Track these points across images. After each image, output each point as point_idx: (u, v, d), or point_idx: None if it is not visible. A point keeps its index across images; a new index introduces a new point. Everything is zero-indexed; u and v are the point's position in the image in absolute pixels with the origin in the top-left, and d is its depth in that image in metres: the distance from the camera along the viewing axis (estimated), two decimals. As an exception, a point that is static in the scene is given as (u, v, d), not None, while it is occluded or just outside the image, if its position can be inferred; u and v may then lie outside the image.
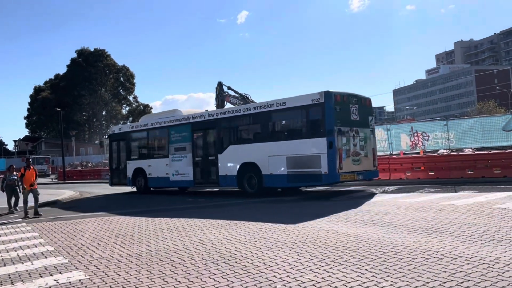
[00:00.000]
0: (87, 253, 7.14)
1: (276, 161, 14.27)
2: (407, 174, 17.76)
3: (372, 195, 13.67)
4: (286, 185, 14.56)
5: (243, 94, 33.30)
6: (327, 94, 13.22)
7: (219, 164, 16.19)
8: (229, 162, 15.85)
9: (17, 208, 14.71)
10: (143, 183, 19.59)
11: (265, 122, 15.19)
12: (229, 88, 33.77)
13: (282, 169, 14.13)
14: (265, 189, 14.91)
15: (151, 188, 19.74)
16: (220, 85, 34.35)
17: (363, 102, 14.77)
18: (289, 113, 14.64)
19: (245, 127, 16.22)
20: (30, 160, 14.62)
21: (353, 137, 13.72)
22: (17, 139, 71.40)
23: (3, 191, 14.84)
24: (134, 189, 20.37)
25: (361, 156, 14.05)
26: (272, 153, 14.44)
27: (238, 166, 15.49)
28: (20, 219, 12.52)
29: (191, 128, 17.47)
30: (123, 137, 20.98)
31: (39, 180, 25.32)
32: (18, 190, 14.76)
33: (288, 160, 13.99)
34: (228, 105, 33.79)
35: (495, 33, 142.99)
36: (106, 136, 24.04)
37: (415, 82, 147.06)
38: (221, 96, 34.05)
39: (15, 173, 15.19)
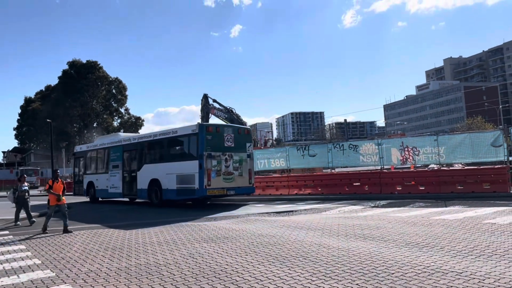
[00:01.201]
0: (75, 267, 7.02)
1: (170, 178, 17.30)
2: (397, 188, 17.83)
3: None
4: (176, 198, 17.48)
5: (228, 107, 33.68)
6: (200, 126, 16.68)
7: (137, 180, 19.37)
8: (144, 178, 18.95)
9: (34, 219, 13.87)
10: (93, 194, 22.95)
11: (165, 146, 18.66)
12: (214, 101, 34.09)
13: (174, 185, 17.15)
14: (165, 201, 17.91)
15: (99, 199, 22.88)
16: (205, 97, 34.63)
17: (241, 132, 17.95)
18: (178, 139, 17.95)
19: (153, 149, 19.41)
20: (58, 171, 13.07)
21: (226, 160, 16.74)
22: (5, 150, 70.57)
23: (15, 203, 13.89)
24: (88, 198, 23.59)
25: (234, 175, 16.99)
26: (168, 172, 17.47)
27: (148, 182, 18.55)
28: (7, 232, 12.29)
29: (122, 149, 20.96)
30: (82, 155, 24.78)
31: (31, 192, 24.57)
32: (29, 202, 13.94)
33: (177, 178, 17.05)
34: (213, 117, 34.16)
35: (483, 51, 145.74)
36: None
37: (405, 98, 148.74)
38: (206, 108, 34.34)
39: (26, 183, 14.21)
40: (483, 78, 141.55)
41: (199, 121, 35.36)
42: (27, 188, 14.04)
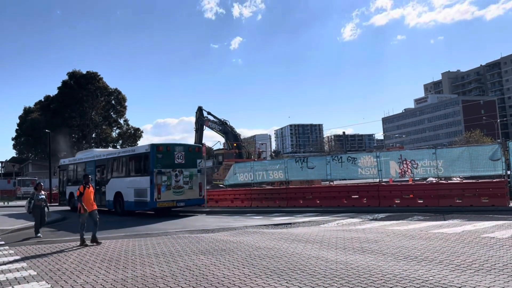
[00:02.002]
0: (71, 278, 6.96)
1: (130, 191, 19.51)
2: (396, 201, 17.78)
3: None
4: (134, 209, 19.72)
5: (222, 119, 34.21)
6: (152, 146, 18.75)
7: (106, 192, 21.55)
8: (110, 191, 21.17)
9: (39, 234, 13.16)
10: (73, 204, 24.65)
11: (125, 163, 20.87)
12: (209, 113, 34.65)
13: (132, 197, 19.36)
14: (127, 211, 19.89)
15: None
16: (200, 110, 35.19)
17: (191, 150, 20.08)
18: (136, 157, 20.14)
19: (117, 165, 21.58)
20: (90, 176, 12.36)
21: (176, 175, 18.77)
22: (3, 160, 70.35)
23: (30, 213, 13.36)
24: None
25: (184, 188, 18.98)
26: (128, 186, 19.68)
27: (113, 194, 20.71)
28: (3, 242, 12.18)
29: (95, 164, 23.31)
30: (65, 168, 27.53)
31: (23, 202, 24.96)
32: (47, 210, 13.54)
33: (134, 191, 19.24)
34: (207, 130, 34.61)
35: (481, 65, 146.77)
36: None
37: (404, 111, 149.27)
38: (200, 120, 34.87)
39: (43, 192, 13.61)
40: (481, 92, 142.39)
41: (194, 133, 35.89)
42: (44, 197, 13.44)
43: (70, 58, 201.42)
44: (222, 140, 35.38)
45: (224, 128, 33.71)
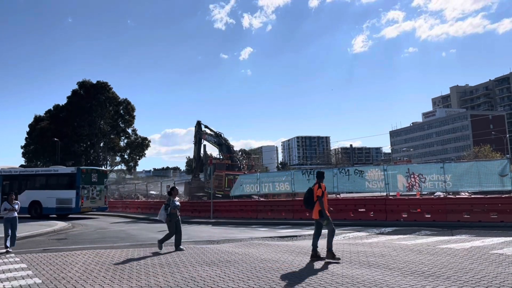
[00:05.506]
0: (75, 287, 6.96)
1: (51, 200, 26.90)
2: (403, 215, 17.63)
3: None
4: (55, 213, 27.17)
5: (217, 132, 36.16)
6: (78, 169, 27.66)
7: (19, 200, 25.33)
8: (25, 199, 26.83)
9: (182, 247, 11.08)
10: None
11: (47, 179, 28.39)
12: (206, 127, 36.70)
13: (54, 204, 26.87)
14: (44, 215, 26.75)
15: None
16: (198, 124, 37.16)
17: (101, 172, 29.70)
18: (60, 175, 28.21)
19: (35, 180, 28.69)
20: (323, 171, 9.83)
21: (92, 190, 27.68)
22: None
23: (169, 221, 11.05)
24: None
25: (96, 199, 28.14)
26: (49, 196, 27.00)
27: (29, 202, 27.34)
28: (12, 252, 12.22)
29: (2, 178, 28.95)
30: None
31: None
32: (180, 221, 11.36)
33: (57, 200, 26.80)
34: (204, 142, 36.51)
35: (490, 79, 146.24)
36: None
37: (411, 124, 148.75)
38: (199, 134, 36.62)
39: (177, 198, 11.42)
40: (490, 107, 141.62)
41: (193, 145, 37.88)
42: (179, 204, 11.36)
43: (81, 68, 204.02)
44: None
45: (218, 140, 35.73)
